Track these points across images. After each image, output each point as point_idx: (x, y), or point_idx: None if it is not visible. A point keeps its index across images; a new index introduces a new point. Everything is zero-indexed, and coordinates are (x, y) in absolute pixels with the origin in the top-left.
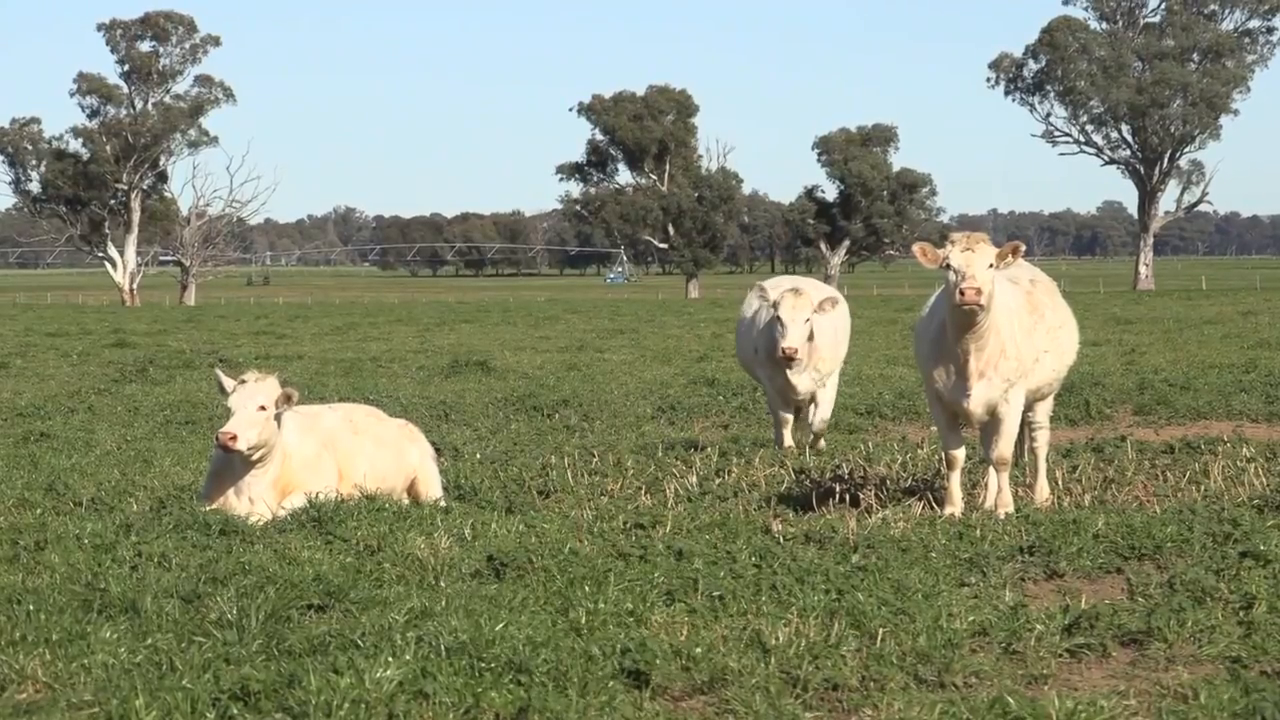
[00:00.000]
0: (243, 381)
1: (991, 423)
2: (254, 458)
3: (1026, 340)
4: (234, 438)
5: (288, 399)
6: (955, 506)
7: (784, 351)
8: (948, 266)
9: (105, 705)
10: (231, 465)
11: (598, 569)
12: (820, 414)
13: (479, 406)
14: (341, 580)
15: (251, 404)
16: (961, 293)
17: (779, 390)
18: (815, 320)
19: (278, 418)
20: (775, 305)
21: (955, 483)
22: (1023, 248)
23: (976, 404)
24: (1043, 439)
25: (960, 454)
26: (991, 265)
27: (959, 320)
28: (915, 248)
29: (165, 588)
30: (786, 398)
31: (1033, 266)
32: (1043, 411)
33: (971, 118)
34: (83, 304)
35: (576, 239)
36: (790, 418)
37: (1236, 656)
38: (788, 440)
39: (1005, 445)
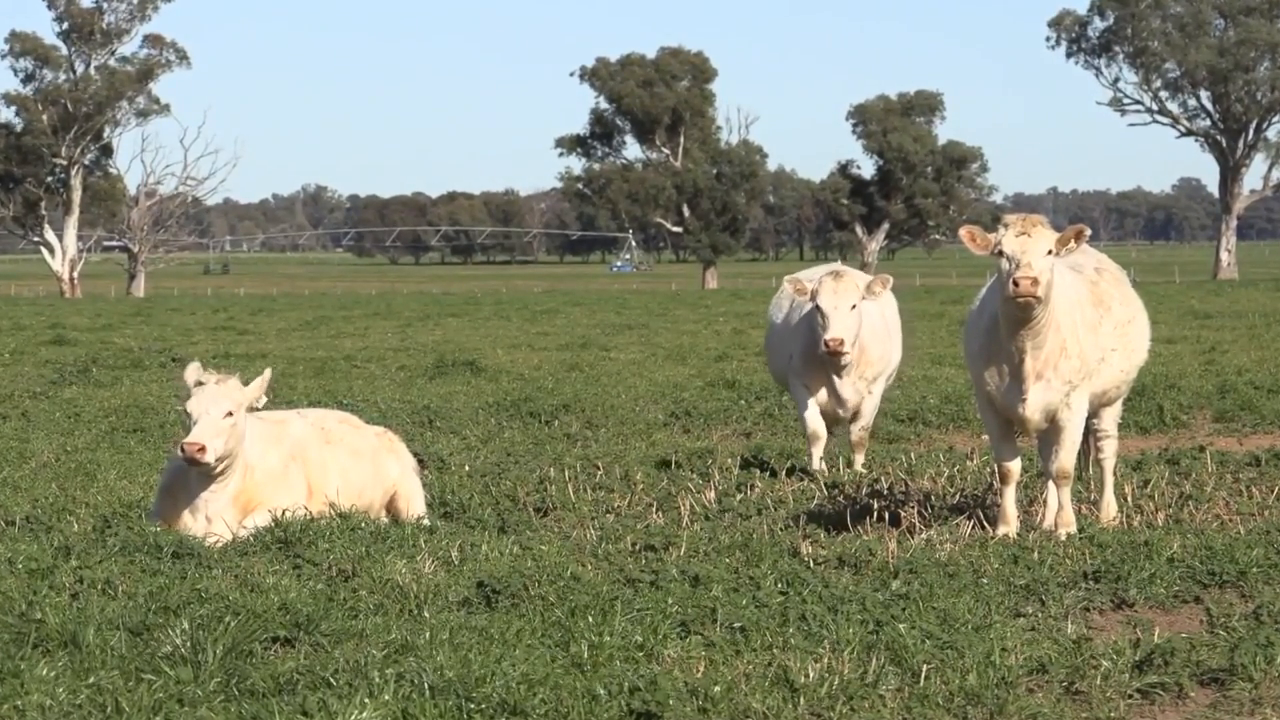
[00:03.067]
0: (200, 384)
1: (1051, 431)
2: (216, 470)
3: (1090, 337)
4: (202, 449)
5: (257, 394)
6: (1009, 526)
7: (828, 345)
8: (1000, 253)
9: None
10: (186, 479)
11: (603, 597)
12: (860, 421)
13: (468, 412)
14: (311, 610)
15: (217, 409)
16: (1015, 283)
17: (821, 404)
18: (864, 310)
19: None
20: (813, 294)
21: (1009, 499)
22: (1087, 231)
23: (1034, 410)
24: (1109, 449)
25: (1015, 466)
26: (1050, 252)
27: (1013, 314)
28: (963, 232)
29: (110, 618)
30: (830, 412)
31: (1098, 253)
32: (1109, 418)
33: (1028, 84)
34: (15, 295)
35: (578, 222)
36: (824, 436)
37: None
38: (817, 463)
39: (1066, 456)
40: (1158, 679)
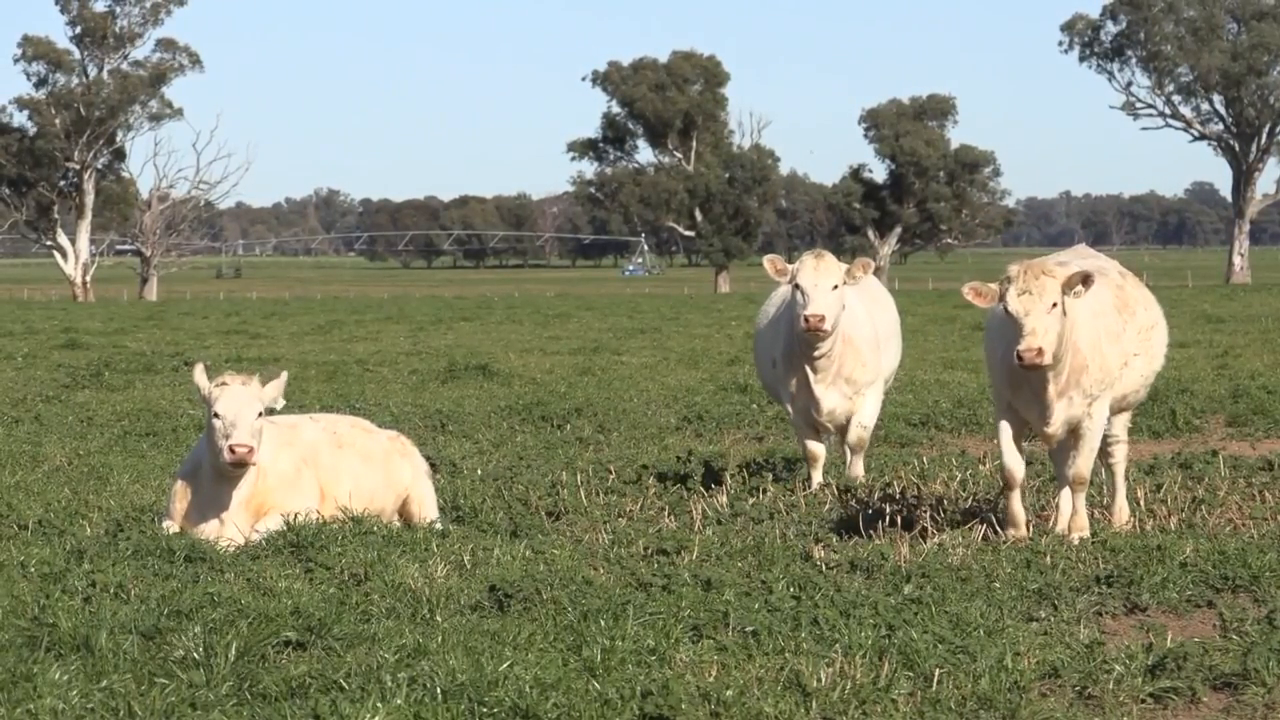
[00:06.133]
0: (223, 384)
1: (1070, 437)
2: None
3: (1113, 346)
4: (251, 450)
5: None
6: (1019, 529)
7: (807, 321)
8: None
9: None
10: (199, 481)
11: (615, 601)
12: (857, 418)
13: (480, 416)
14: (323, 613)
15: (250, 410)
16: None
17: (801, 409)
18: (848, 302)
19: None
20: (793, 275)
21: (1016, 502)
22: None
23: (1057, 426)
24: (1121, 454)
25: (1021, 472)
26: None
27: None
28: (966, 289)
29: (122, 622)
30: (810, 418)
31: (1109, 259)
32: (1121, 424)
33: (1041, 87)
34: (28, 299)
35: (590, 225)
36: (820, 451)
37: None
38: (818, 480)
39: (1084, 463)
40: (1170, 684)
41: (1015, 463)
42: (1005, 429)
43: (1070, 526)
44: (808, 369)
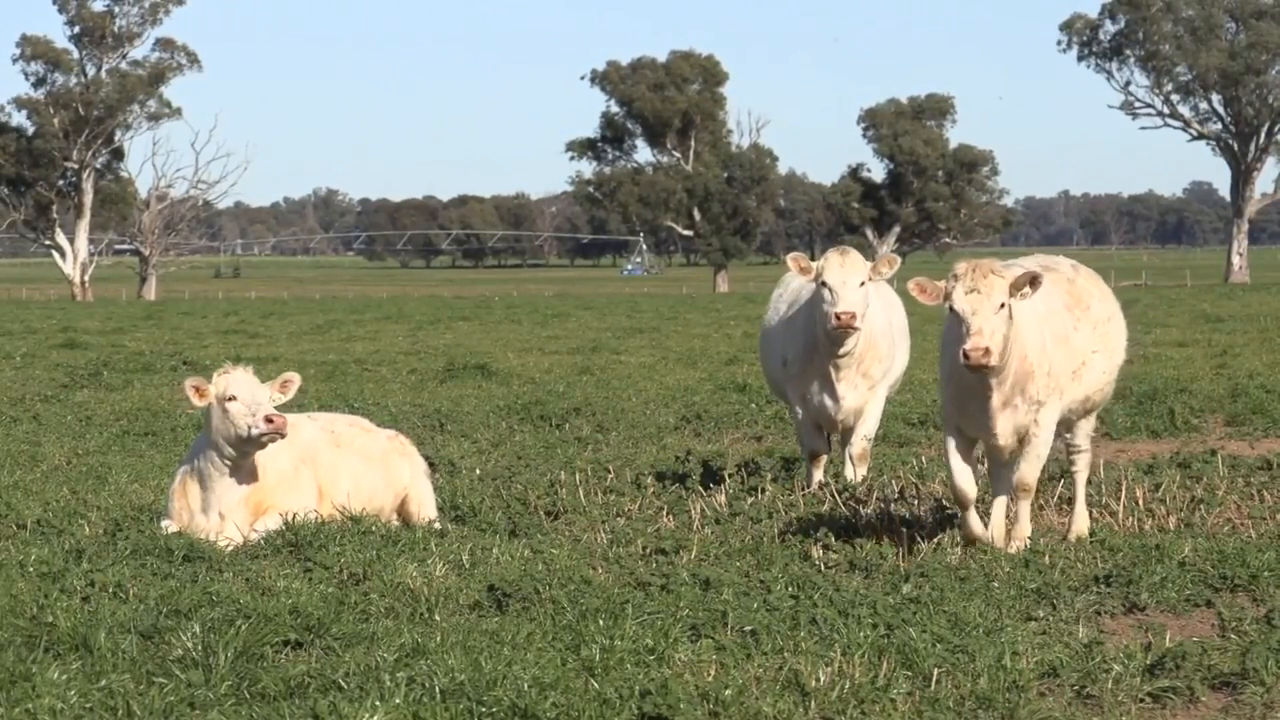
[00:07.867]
0: (225, 373)
1: (1019, 447)
2: (244, 464)
3: (1060, 349)
4: (284, 419)
5: (284, 386)
6: (982, 542)
7: (839, 318)
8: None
9: None
10: (198, 480)
11: (613, 600)
12: (861, 430)
13: (479, 415)
14: (322, 613)
15: (262, 390)
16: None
17: (815, 410)
18: (871, 306)
19: None
20: (818, 272)
21: (972, 520)
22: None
23: (1005, 437)
24: (1083, 463)
25: (973, 490)
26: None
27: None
28: (911, 284)
29: (121, 622)
30: (820, 417)
31: (1064, 258)
32: (1083, 433)
33: (1039, 87)
34: (27, 299)
35: (589, 225)
36: (825, 455)
37: None
38: (818, 479)
39: (1028, 469)
40: (1169, 683)
41: (966, 482)
42: (953, 448)
43: (1012, 535)
44: (830, 367)
